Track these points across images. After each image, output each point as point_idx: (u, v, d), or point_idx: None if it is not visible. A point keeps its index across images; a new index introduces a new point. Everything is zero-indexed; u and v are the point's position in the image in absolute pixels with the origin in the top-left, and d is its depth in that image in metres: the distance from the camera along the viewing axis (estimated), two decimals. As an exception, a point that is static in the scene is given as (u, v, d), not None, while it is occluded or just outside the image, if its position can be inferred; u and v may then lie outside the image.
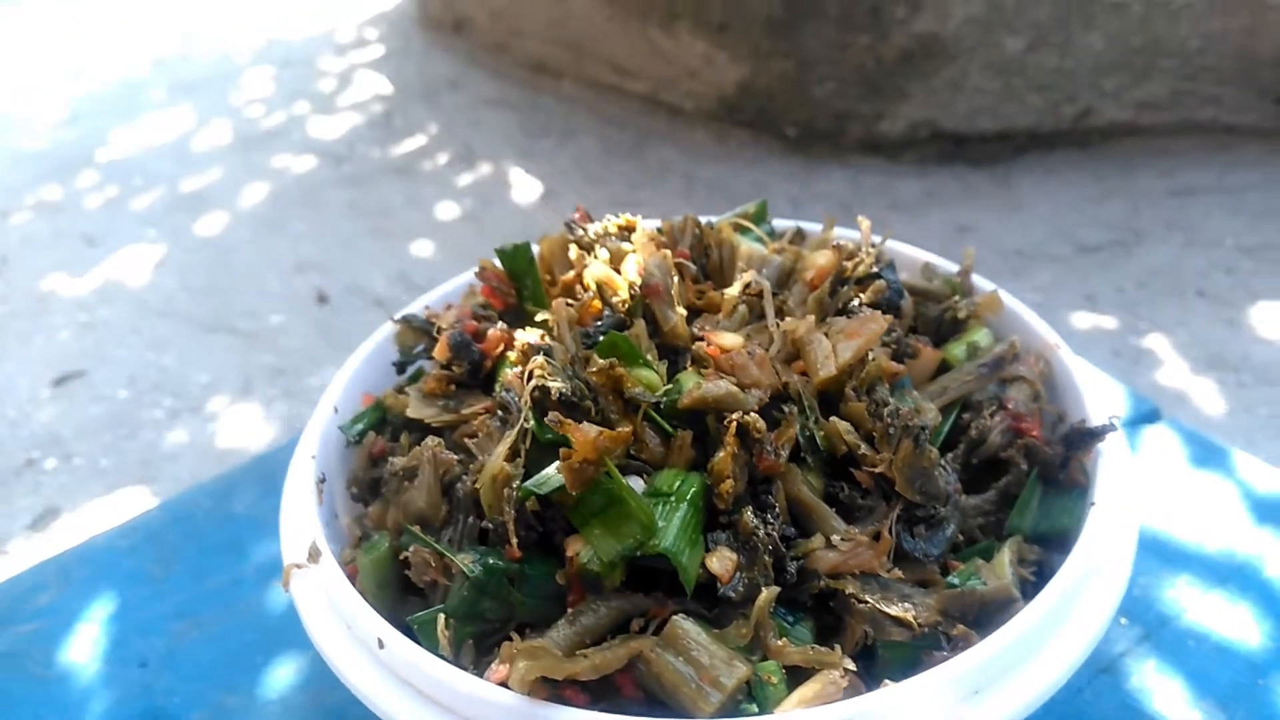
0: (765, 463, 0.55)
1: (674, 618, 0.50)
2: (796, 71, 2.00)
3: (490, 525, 0.54)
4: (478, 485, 0.55)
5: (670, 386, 0.59)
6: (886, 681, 0.49)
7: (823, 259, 0.69)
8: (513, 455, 0.55)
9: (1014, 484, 0.61)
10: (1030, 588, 0.58)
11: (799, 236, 0.81)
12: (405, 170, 2.52)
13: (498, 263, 0.71)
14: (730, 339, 0.60)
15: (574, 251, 0.73)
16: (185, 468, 1.49)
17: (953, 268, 0.77)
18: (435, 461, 0.57)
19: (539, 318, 0.67)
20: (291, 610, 0.82)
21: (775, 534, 0.53)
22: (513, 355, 0.64)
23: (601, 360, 0.56)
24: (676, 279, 0.67)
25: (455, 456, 0.57)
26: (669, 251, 0.68)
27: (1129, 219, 1.66)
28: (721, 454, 0.54)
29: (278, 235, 2.19)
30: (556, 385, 0.57)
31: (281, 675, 0.76)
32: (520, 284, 0.70)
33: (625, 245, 0.74)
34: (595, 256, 0.72)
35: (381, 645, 0.51)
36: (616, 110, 2.54)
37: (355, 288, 1.96)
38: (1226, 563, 0.83)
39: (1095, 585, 0.54)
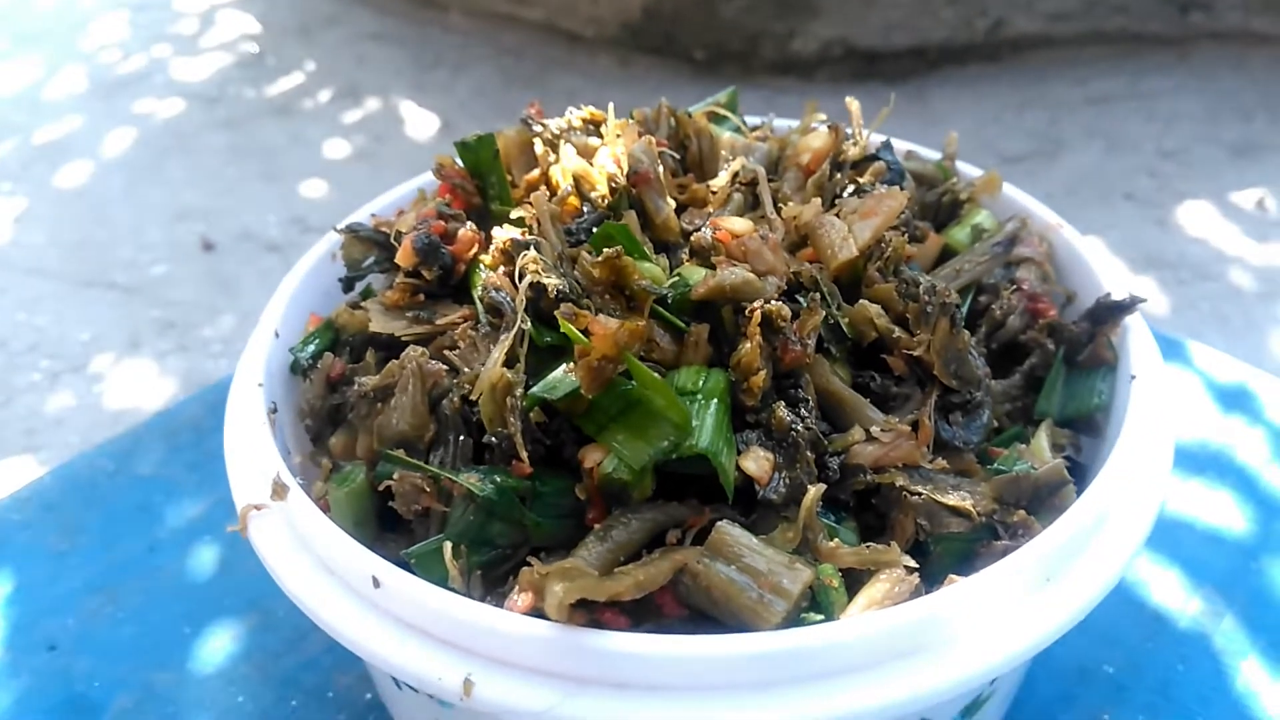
0: (791, 355, 0.50)
1: (718, 524, 0.44)
2: (705, -10, 1.93)
3: (492, 441, 0.47)
4: (472, 397, 0.48)
5: (675, 279, 0.53)
6: (953, 577, 0.45)
7: (818, 141, 0.63)
8: (510, 361, 0.48)
9: (1039, 366, 0.58)
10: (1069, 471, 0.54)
11: (769, 131, 0.76)
12: (285, 110, 2.36)
13: (457, 159, 0.63)
14: (740, 224, 0.54)
15: (539, 147, 0.65)
16: (75, 431, 1.36)
17: (934, 155, 0.73)
18: (421, 374, 0.49)
19: (514, 215, 0.59)
20: (221, 574, 0.74)
21: (814, 428, 0.48)
22: (488, 258, 0.57)
23: (605, 251, 0.50)
24: (661, 168, 0.61)
25: (443, 367, 0.50)
26: (652, 137, 0.62)
27: (1049, 128, 1.67)
28: (747, 346, 0.49)
29: (153, 183, 2.02)
30: (553, 282, 0.50)
31: (217, 646, 0.68)
32: (484, 181, 0.62)
33: (592, 140, 0.67)
34: (561, 153, 0.65)
35: (377, 584, 0.44)
36: (513, 39, 2.43)
37: (245, 233, 1.82)
38: (1200, 452, 0.83)
39: (1149, 461, 0.50)
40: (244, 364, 0.59)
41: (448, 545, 0.44)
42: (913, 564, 0.45)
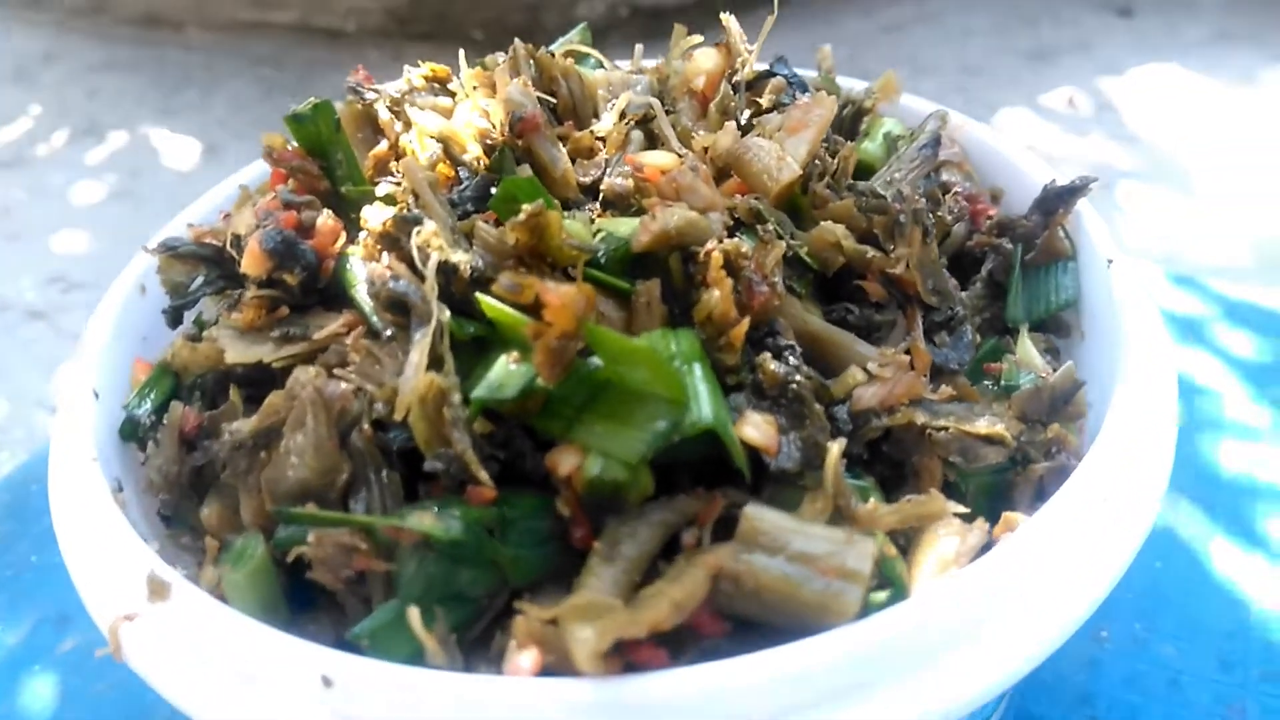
0: (759, 298, 0.42)
1: (746, 510, 0.36)
2: (473, -36, 1.82)
3: (436, 468, 0.37)
4: (397, 417, 0.37)
5: (602, 234, 0.44)
6: (1010, 516, 0.39)
7: (708, 62, 0.56)
8: (434, 364, 0.38)
9: (997, 270, 0.52)
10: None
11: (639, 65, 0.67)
12: (16, 162, 2.07)
13: (290, 139, 0.51)
14: (664, 157, 0.46)
15: (384, 114, 0.54)
16: None
17: (810, 73, 0.67)
18: (323, 402, 0.38)
19: (381, 193, 0.48)
20: (66, 710, 0.59)
21: (815, 376, 0.41)
22: (357, 249, 0.46)
23: (526, 209, 0.40)
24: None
25: (348, 387, 0.39)
26: (525, 78, 0.52)
27: (851, 63, 1.67)
28: (715, 294, 0.40)
29: None
30: (463, 258, 0.40)
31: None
32: (328, 160, 0.51)
33: (442, 100, 0.57)
34: (413, 117, 0.55)
35: (329, 684, 0.33)
36: (265, 48, 2.22)
37: (-4, 303, 1.57)
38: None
39: (1159, 348, 0.46)
40: (61, 440, 0.46)
41: (413, 611, 0.34)
42: (962, 509, 0.39)
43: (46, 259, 1.68)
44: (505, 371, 0.37)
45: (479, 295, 0.39)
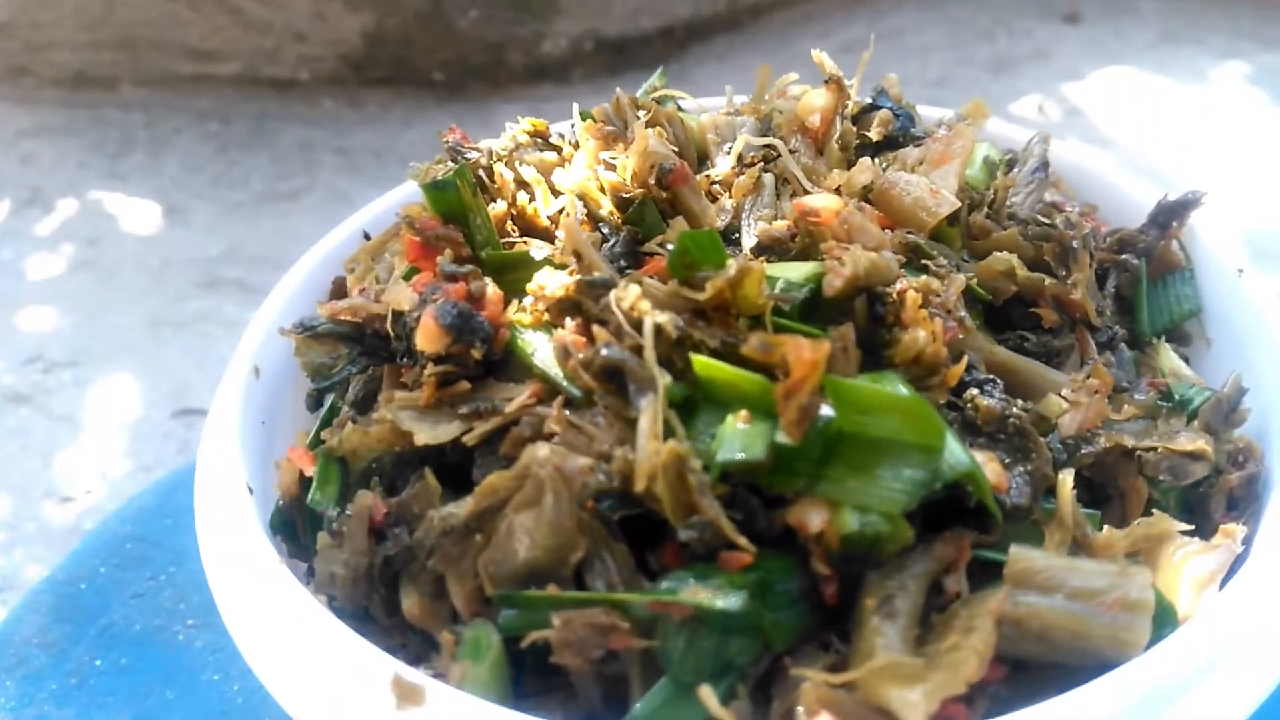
0: (948, 334, 0.42)
1: (1013, 552, 0.36)
2: (433, 6, 1.79)
3: (691, 538, 0.36)
4: (637, 489, 0.36)
5: (784, 282, 0.44)
6: (1234, 526, 0.40)
7: (820, 100, 0.56)
8: (666, 430, 0.37)
9: (1125, 285, 0.54)
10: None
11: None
12: (-45, 237, 1.97)
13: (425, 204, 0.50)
14: (831, 199, 0.46)
15: (504, 172, 0.53)
16: None
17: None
18: (564, 478, 0.37)
19: (536, 255, 0.48)
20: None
21: (1031, 409, 0.41)
22: (525, 316, 0.45)
23: (736, 265, 0.40)
24: (676, 164, 0.51)
25: (587, 463, 0.37)
26: (660, 127, 0.52)
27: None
28: (923, 334, 0.41)
29: None
30: (666, 319, 0.40)
31: None
32: (467, 225, 0.49)
33: (547, 156, 0.56)
34: (522, 176, 0.54)
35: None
36: (208, 102, 2.16)
37: (-36, 389, 1.49)
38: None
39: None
40: (221, 544, 0.44)
41: (707, 690, 0.33)
42: (1187, 527, 0.39)
43: (15, 338, 1.60)
44: (743, 432, 0.37)
45: (695, 356, 0.39)
